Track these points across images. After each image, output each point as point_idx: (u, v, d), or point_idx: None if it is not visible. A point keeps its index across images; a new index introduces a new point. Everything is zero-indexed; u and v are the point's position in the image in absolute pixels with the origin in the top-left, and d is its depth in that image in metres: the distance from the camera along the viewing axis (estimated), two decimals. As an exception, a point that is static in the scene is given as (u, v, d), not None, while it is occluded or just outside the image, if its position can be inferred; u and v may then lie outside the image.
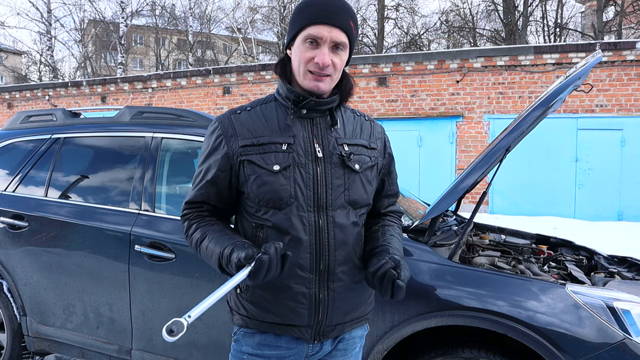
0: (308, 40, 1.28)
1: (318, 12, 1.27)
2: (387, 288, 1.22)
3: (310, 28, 1.28)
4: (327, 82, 1.31)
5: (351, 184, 1.35)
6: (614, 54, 9.15)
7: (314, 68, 1.29)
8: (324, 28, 1.27)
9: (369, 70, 10.87)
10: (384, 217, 1.52)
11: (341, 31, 1.29)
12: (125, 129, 2.80)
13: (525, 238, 3.09)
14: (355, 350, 1.48)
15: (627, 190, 9.31)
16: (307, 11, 1.29)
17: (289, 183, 1.30)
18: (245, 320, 1.37)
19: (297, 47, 1.31)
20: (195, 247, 1.35)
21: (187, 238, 1.39)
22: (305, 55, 1.29)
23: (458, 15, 22.85)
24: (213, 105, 12.43)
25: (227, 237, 1.30)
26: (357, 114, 1.49)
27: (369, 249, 1.40)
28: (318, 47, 1.28)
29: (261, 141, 1.32)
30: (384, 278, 1.23)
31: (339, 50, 1.30)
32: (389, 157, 1.51)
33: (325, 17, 1.27)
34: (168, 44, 30.81)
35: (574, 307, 1.86)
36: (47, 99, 14.50)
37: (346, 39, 1.30)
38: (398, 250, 1.39)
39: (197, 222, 1.38)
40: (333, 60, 1.29)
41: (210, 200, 1.39)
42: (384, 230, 1.46)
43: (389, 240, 1.41)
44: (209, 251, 1.29)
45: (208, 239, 1.31)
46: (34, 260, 2.80)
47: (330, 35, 1.27)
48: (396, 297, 1.22)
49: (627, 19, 18.71)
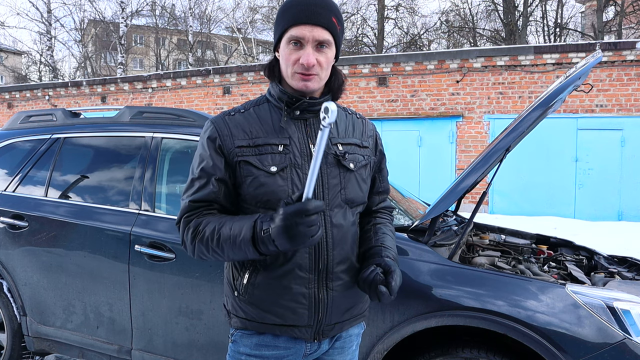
0: (291, 41, 1.29)
1: (298, 13, 1.28)
2: (373, 293, 1.29)
3: (292, 29, 1.28)
4: (315, 80, 1.31)
5: (347, 183, 1.36)
6: (614, 54, 9.15)
7: (300, 69, 1.29)
8: (306, 28, 1.27)
9: (369, 70, 10.87)
10: (376, 214, 1.54)
11: (323, 29, 1.29)
12: (125, 129, 2.80)
13: (525, 238, 3.09)
14: (352, 348, 1.49)
15: (627, 190, 9.31)
16: (288, 12, 1.29)
17: (286, 184, 1.30)
18: (244, 322, 1.37)
19: (282, 49, 1.32)
20: (210, 238, 1.25)
21: (196, 236, 1.28)
22: (291, 57, 1.30)
23: (458, 15, 22.85)
24: (213, 105, 12.43)
25: (248, 216, 1.24)
26: (349, 112, 1.50)
27: (363, 250, 1.42)
28: (302, 48, 1.29)
29: (257, 142, 1.32)
30: (371, 284, 1.29)
31: (324, 48, 1.30)
32: (380, 154, 1.53)
33: (306, 17, 1.27)
34: (168, 44, 30.81)
35: (574, 307, 1.86)
36: (47, 99, 14.50)
37: (330, 36, 1.30)
38: (392, 249, 1.42)
39: (206, 218, 1.30)
40: (318, 59, 1.29)
41: (219, 200, 1.33)
42: (377, 229, 1.47)
43: (382, 239, 1.43)
44: (234, 230, 1.22)
45: (229, 223, 1.24)
46: (34, 260, 2.80)
47: (312, 35, 1.28)
48: (382, 301, 1.28)
49: (627, 19, 18.71)
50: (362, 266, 1.37)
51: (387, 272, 1.30)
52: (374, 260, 1.34)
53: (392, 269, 1.31)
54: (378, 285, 1.27)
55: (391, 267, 1.31)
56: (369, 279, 1.29)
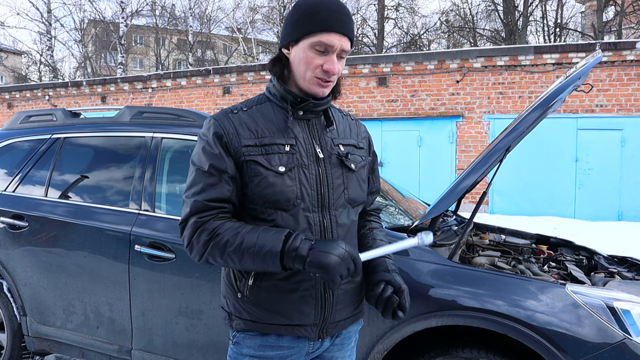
0: (317, 47, 1.27)
1: (330, 20, 1.26)
2: (388, 313, 1.33)
3: (321, 35, 1.26)
4: (330, 87, 1.34)
5: (349, 183, 1.38)
6: (614, 54, 9.15)
7: (322, 74, 1.29)
8: (336, 37, 1.27)
9: (369, 70, 10.87)
10: (369, 217, 1.58)
11: (348, 39, 1.30)
12: (125, 129, 2.80)
13: (525, 238, 3.09)
14: (350, 344, 1.50)
15: (627, 190, 9.31)
16: (316, 16, 1.26)
17: (295, 184, 1.29)
18: (248, 324, 1.35)
19: (302, 52, 1.29)
20: (230, 243, 1.22)
21: (212, 239, 1.24)
22: (314, 61, 1.28)
23: (458, 15, 22.85)
24: (213, 105, 12.43)
25: (275, 229, 1.24)
26: (344, 113, 1.52)
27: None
28: (326, 54, 1.28)
29: (264, 142, 1.30)
30: (386, 305, 1.33)
31: (343, 58, 1.32)
32: (373, 155, 1.57)
33: (337, 26, 1.26)
34: (168, 44, 30.81)
35: (574, 306, 1.86)
36: (47, 99, 14.50)
37: (350, 46, 1.32)
38: (392, 257, 1.46)
39: (224, 222, 1.26)
40: (338, 67, 1.31)
41: (233, 199, 1.29)
42: (374, 235, 1.51)
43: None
44: (261, 240, 1.20)
45: (255, 232, 1.22)
46: (34, 260, 2.80)
47: (340, 44, 1.28)
48: (395, 320, 1.35)
49: (627, 19, 18.71)
50: (368, 278, 1.39)
51: (399, 290, 1.34)
52: (382, 276, 1.36)
53: (402, 288, 1.35)
54: (395, 308, 1.32)
55: (402, 286, 1.35)
56: (383, 299, 1.32)
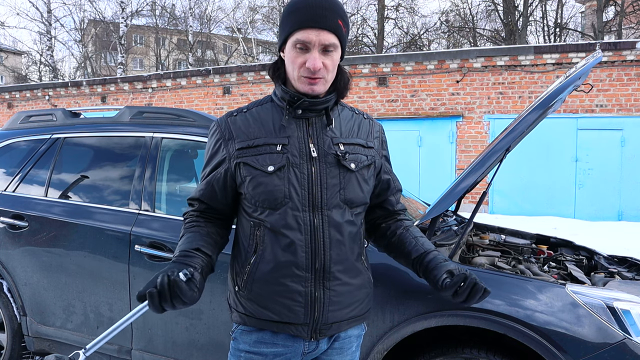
0: (297, 45, 1.28)
1: (304, 16, 1.27)
2: (474, 296, 1.32)
3: (298, 33, 1.28)
4: (321, 83, 1.32)
5: (347, 183, 1.37)
6: (614, 54, 9.15)
7: (306, 73, 1.29)
8: (312, 32, 1.27)
9: (369, 70, 10.87)
10: (398, 217, 1.57)
11: (330, 33, 1.28)
12: (125, 129, 2.80)
13: (525, 238, 3.09)
14: (351, 349, 1.48)
15: (627, 190, 9.31)
16: (294, 15, 1.28)
17: (283, 183, 1.31)
18: (243, 317, 1.39)
19: (288, 52, 1.32)
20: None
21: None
22: (297, 60, 1.30)
23: (458, 15, 22.86)
24: (213, 105, 12.43)
25: (181, 251, 1.34)
26: (356, 112, 1.50)
27: (415, 257, 1.46)
28: (308, 51, 1.28)
29: (256, 143, 1.34)
30: (473, 288, 1.32)
31: (330, 52, 1.30)
32: (385, 157, 1.54)
33: (312, 21, 1.26)
34: (168, 44, 30.81)
35: (574, 306, 1.86)
36: (47, 99, 14.50)
37: (336, 39, 1.30)
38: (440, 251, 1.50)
39: (186, 224, 1.45)
40: (324, 62, 1.29)
41: (204, 199, 1.44)
42: (413, 234, 1.52)
43: (426, 244, 1.49)
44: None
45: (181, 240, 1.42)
46: (34, 260, 2.80)
47: (318, 39, 1.27)
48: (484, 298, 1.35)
49: (627, 19, 18.71)
50: (429, 274, 1.41)
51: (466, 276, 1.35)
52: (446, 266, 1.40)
53: (468, 272, 1.36)
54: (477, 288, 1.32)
55: (467, 271, 1.36)
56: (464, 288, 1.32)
